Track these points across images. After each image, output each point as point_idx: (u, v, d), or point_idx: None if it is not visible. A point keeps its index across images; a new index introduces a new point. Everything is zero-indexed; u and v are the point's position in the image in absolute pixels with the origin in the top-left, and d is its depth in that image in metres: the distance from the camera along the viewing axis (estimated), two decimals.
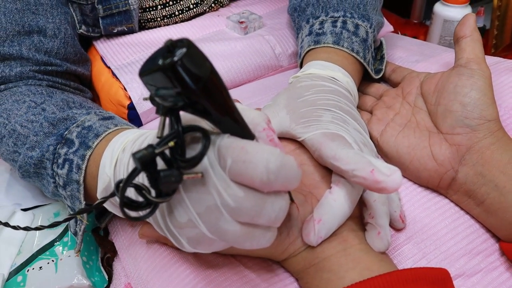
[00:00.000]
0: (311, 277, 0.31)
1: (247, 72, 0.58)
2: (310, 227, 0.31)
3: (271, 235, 0.27)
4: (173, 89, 0.22)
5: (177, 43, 0.21)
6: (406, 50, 0.56)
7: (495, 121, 0.37)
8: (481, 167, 0.36)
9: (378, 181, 0.28)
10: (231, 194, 0.24)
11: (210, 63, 0.22)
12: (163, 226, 0.28)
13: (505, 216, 0.35)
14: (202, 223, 0.26)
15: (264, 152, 0.24)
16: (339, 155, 0.31)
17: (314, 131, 0.35)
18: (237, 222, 0.25)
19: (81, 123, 0.39)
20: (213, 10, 0.68)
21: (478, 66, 0.39)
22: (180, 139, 0.24)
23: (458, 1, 0.82)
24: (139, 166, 0.23)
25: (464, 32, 0.41)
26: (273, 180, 0.24)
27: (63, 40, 0.52)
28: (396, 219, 0.36)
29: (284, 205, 0.26)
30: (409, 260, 0.35)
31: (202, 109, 0.23)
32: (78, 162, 0.37)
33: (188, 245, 0.28)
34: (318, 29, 0.47)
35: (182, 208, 0.26)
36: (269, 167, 0.23)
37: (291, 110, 0.38)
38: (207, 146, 0.24)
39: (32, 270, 0.44)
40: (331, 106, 0.38)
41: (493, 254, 0.36)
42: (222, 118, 0.24)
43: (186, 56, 0.20)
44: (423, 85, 0.43)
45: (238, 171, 0.24)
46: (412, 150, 0.39)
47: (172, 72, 0.21)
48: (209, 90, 0.22)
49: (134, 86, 0.53)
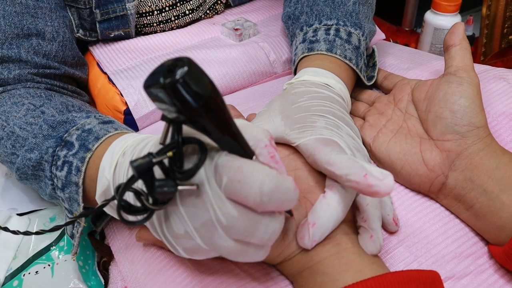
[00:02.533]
0: (305, 280, 0.32)
1: (242, 79, 0.59)
2: (305, 231, 0.31)
3: (264, 253, 0.28)
4: (174, 107, 0.22)
5: (178, 62, 0.21)
6: (397, 58, 0.57)
7: (483, 127, 0.38)
8: (470, 172, 0.37)
9: (371, 185, 0.29)
10: (225, 212, 0.25)
11: (211, 82, 0.22)
12: (160, 234, 0.29)
13: (493, 220, 0.36)
14: (198, 237, 0.26)
15: (260, 174, 0.24)
16: (333, 161, 0.32)
17: (309, 137, 0.35)
18: (231, 239, 0.26)
19: (81, 126, 0.40)
20: (209, 16, 0.69)
21: (467, 74, 0.40)
22: (179, 150, 0.24)
23: (448, 10, 0.84)
24: (136, 174, 0.23)
25: (454, 41, 0.42)
26: (267, 202, 0.24)
27: (62, 43, 0.52)
28: (390, 222, 0.37)
29: (278, 227, 0.27)
30: (401, 263, 0.36)
31: (202, 127, 0.24)
32: (77, 164, 0.37)
33: (185, 253, 0.28)
34: (311, 37, 0.48)
35: (179, 220, 0.27)
36: (263, 189, 0.24)
37: (285, 116, 0.39)
38: (203, 160, 0.25)
39: (28, 275, 0.44)
40: (324, 112, 0.38)
41: (482, 256, 0.37)
42: (222, 136, 0.24)
43: (187, 76, 0.21)
44: (414, 92, 0.44)
45: (233, 190, 0.24)
46: (404, 156, 0.40)
47: (173, 91, 0.21)
48: (210, 109, 0.22)
49: (130, 91, 0.53)
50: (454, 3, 0.83)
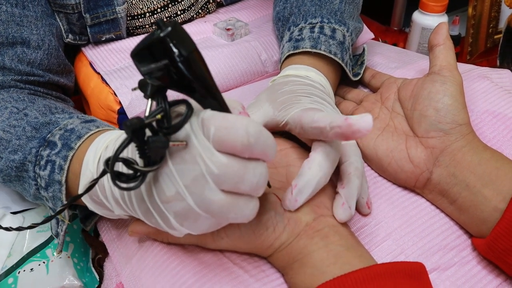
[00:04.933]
0: (295, 272, 0.33)
1: (234, 78, 0.59)
2: (288, 194, 0.34)
3: (254, 205, 0.29)
4: (161, 62, 0.25)
5: (165, 23, 0.25)
6: (386, 57, 0.58)
7: (466, 125, 0.39)
8: (453, 168, 0.38)
9: (351, 123, 0.31)
10: (215, 161, 0.26)
11: (193, 42, 0.26)
12: (149, 205, 0.29)
13: (475, 213, 0.37)
14: (188, 194, 0.27)
15: (244, 120, 0.27)
16: (317, 117, 0.34)
17: (295, 110, 0.38)
18: (221, 192, 0.27)
19: (63, 126, 0.40)
20: (201, 16, 0.69)
21: (450, 73, 0.41)
22: (166, 112, 0.26)
23: (435, 10, 0.85)
24: (129, 134, 0.25)
25: (438, 41, 0.43)
26: (254, 143, 0.26)
27: (47, 52, 0.53)
28: (363, 205, 0.39)
29: (264, 171, 0.28)
30: (388, 255, 0.37)
31: (187, 85, 0.26)
32: (60, 163, 0.37)
33: (175, 221, 0.29)
34: (297, 36, 0.49)
35: (170, 180, 0.27)
36: (249, 130, 0.26)
37: (272, 101, 0.41)
38: (190, 113, 0.27)
39: (23, 272, 0.44)
40: (308, 94, 0.41)
41: (465, 249, 0.38)
42: (206, 94, 0.27)
43: (173, 31, 0.24)
44: (400, 91, 0.45)
45: (221, 137, 0.26)
46: (391, 153, 0.42)
47: (161, 43, 0.24)
48: (195, 61, 0.26)
49: (124, 91, 0.54)
50: (441, 4, 0.85)
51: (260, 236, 0.33)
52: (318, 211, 0.35)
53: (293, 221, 0.34)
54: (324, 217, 0.34)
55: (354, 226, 0.39)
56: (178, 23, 0.25)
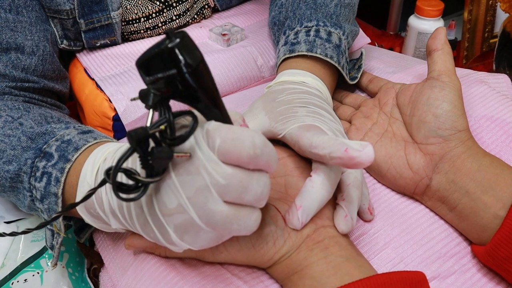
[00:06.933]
0: (294, 284, 0.32)
1: (230, 83, 0.59)
2: (293, 213, 0.33)
3: (256, 216, 0.29)
4: (168, 72, 0.25)
5: (175, 33, 0.24)
6: (382, 62, 0.58)
7: (465, 131, 0.39)
8: (453, 174, 0.38)
9: (353, 157, 0.30)
10: (221, 172, 0.26)
11: (201, 53, 0.26)
12: (149, 218, 0.29)
13: (475, 220, 0.37)
14: (191, 206, 0.27)
15: (249, 131, 0.27)
16: (315, 143, 0.33)
17: (292, 126, 0.37)
18: (224, 203, 0.27)
19: (60, 137, 0.39)
20: (196, 21, 0.69)
21: (449, 79, 0.41)
22: (171, 123, 0.25)
23: (431, 15, 0.86)
24: (134, 144, 0.24)
25: (436, 46, 0.43)
26: (259, 154, 0.26)
27: (41, 58, 0.52)
28: (365, 211, 0.39)
29: (268, 181, 0.28)
30: (388, 264, 0.37)
31: (191, 95, 0.26)
32: (57, 175, 0.37)
33: (175, 234, 0.28)
34: (293, 39, 0.49)
35: (172, 192, 0.27)
36: (255, 142, 0.26)
37: (269, 111, 0.40)
38: (195, 126, 0.26)
39: (16, 283, 0.44)
40: (305, 103, 0.40)
41: (465, 256, 0.38)
42: (210, 104, 0.27)
43: (182, 42, 0.24)
44: (398, 96, 0.45)
45: (227, 149, 0.26)
46: (389, 159, 0.41)
47: (169, 54, 0.24)
48: (202, 72, 0.25)
49: (119, 97, 0.54)
50: (437, 8, 0.85)
51: (259, 250, 0.33)
52: (319, 222, 0.34)
53: (293, 234, 0.33)
54: (325, 227, 0.34)
55: (353, 234, 0.39)
56: (186, 33, 0.25)
